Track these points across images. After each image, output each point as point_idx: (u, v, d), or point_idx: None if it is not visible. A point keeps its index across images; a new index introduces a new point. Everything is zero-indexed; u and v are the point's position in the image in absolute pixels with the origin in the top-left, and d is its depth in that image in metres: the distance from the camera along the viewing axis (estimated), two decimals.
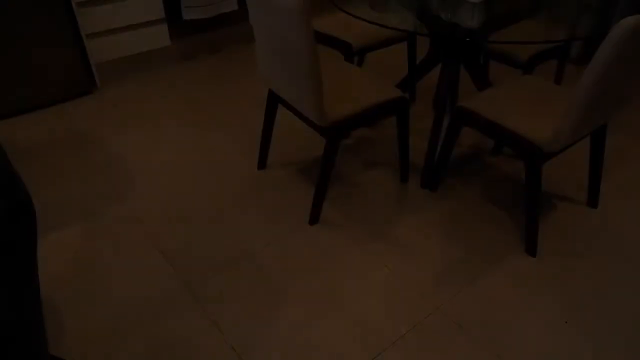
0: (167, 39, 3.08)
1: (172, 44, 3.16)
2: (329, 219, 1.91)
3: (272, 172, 2.18)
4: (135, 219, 1.91)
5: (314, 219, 1.89)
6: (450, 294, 1.60)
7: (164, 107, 2.71)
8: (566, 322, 1.51)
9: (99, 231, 1.86)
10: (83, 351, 1.42)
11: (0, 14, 2.37)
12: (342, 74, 1.95)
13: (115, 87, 2.93)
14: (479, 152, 2.32)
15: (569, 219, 1.91)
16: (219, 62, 3.25)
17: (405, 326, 1.50)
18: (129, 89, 2.91)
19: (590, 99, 1.41)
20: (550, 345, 1.44)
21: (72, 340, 1.46)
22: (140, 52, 3.05)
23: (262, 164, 2.20)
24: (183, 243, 1.81)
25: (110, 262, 1.73)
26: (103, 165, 2.23)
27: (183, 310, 1.55)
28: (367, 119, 1.77)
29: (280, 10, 1.45)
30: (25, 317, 0.78)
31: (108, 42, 2.86)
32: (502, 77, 2.99)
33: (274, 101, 2.02)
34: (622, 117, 2.58)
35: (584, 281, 1.64)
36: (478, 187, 2.08)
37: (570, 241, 1.80)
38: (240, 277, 1.66)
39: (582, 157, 2.27)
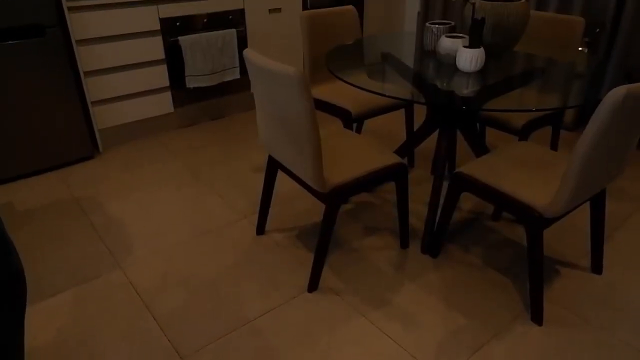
0: (170, 106, 3.16)
1: (175, 110, 3.24)
2: (328, 285, 1.87)
3: (271, 237, 2.16)
4: (129, 284, 1.87)
5: (313, 285, 1.85)
6: None
7: (164, 172, 2.73)
8: None
9: (91, 297, 1.81)
10: None
11: (8, 79, 2.45)
12: (341, 140, 1.98)
13: (117, 152, 2.97)
14: (479, 217, 2.31)
15: (574, 285, 1.87)
16: (220, 128, 3.32)
17: None
18: (130, 154, 2.95)
19: (587, 166, 1.42)
20: None
21: None
22: (144, 119, 3.12)
23: (260, 229, 2.18)
24: (178, 309, 1.75)
25: (102, 329, 1.67)
26: (100, 230, 2.22)
27: None
28: (367, 185, 1.78)
29: (280, 79, 1.50)
30: None
31: (112, 109, 2.93)
32: (499, 143, 3.04)
33: (273, 166, 2.03)
34: (620, 183, 2.60)
35: (592, 354, 1.58)
36: (480, 253, 2.06)
37: (576, 310, 1.75)
38: (236, 346, 1.60)
39: (584, 222, 2.26)
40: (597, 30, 2.98)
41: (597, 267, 1.94)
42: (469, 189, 1.77)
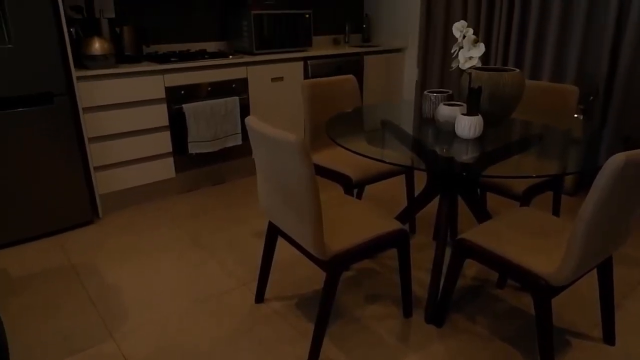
0: (172, 172, 3.19)
1: (177, 175, 3.26)
2: (329, 357, 1.79)
3: (270, 306, 2.10)
4: (121, 356, 1.79)
5: (313, 357, 1.76)
6: None
7: (164, 238, 2.70)
8: None
9: None
10: None
11: (14, 144, 2.48)
12: (341, 206, 1.97)
13: (116, 218, 2.96)
14: (484, 284, 2.25)
15: (588, 357, 1.78)
16: (221, 193, 3.32)
17: None
18: (130, 219, 2.94)
19: (591, 233, 1.40)
20: None
21: None
22: (145, 184, 3.13)
23: (259, 297, 2.12)
24: None
25: None
26: (95, 298, 2.16)
27: None
28: (368, 252, 1.75)
29: (281, 146, 1.51)
30: None
31: (115, 174, 2.95)
32: (500, 208, 3.03)
33: (273, 233, 2.01)
34: (625, 250, 2.56)
35: None
36: (486, 322, 1.98)
37: None
38: None
39: (592, 290, 2.20)
40: (591, 97, 3.05)
41: (609, 337, 1.86)
42: (473, 256, 1.73)
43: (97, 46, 2.77)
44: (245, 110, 3.39)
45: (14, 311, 2.07)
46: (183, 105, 3.05)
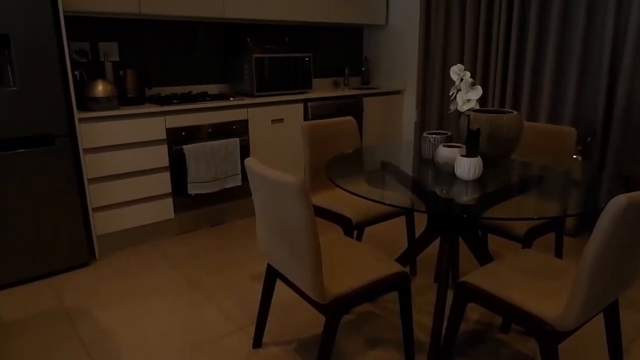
0: (171, 212, 3.17)
1: (175, 216, 3.24)
2: None
3: (268, 351, 2.03)
4: None
5: None
6: None
7: (161, 281, 2.66)
8: None
9: None
10: None
11: (12, 185, 2.48)
12: (341, 248, 1.94)
13: (113, 259, 2.92)
14: (487, 328, 2.19)
15: None
16: (220, 235, 3.29)
17: None
18: (127, 261, 2.90)
19: (596, 275, 1.37)
20: None
21: None
22: (144, 225, 3.11)
23: (257, 341, 2.07)
24: None
25: None
26: (88, 344, 2.10)
27: None
28: (368, 296, 1.71)
29: (280, 187, 1.50)
30: None
31: (113, 215, 2.94)
32: (502, 250, 3.00)
33: (272, 276, 1.98)
34: (630, 293, 2.51)
35: None
36: None
37: None
38: None
39: (599, 334, 2.14)
40: (589, 138, 3.08)
41: None
42: (476, 299, 1.70)
43: (100, 88, 2.81)
44: (245, 152, 3.41)
45: (4, 357, 2.01)
46: (183, 146, 3.06)
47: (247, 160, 1.71)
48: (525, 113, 3.34)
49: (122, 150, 2.88)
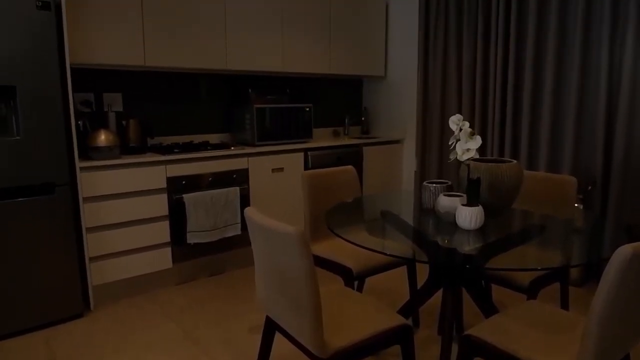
0: (169, 262, 3.13)
1: (174, 265, 3.20)
2: None
3: None
4: None
5: None
6: None
7: (156, 334, 2.58)
8: None
9: None
10: None
11: (9, 234, 2.45)
12: (342, 300, 1.90)
13: (108, 310, 2.85)
14: None
15: None
16: (218, 285, 3.23)
17: None
18: (122, 312, 2.83)
19: (605, 328, 1.33)
20: None
21: None
22: (141, 275, 3.06)
23: None
24: None
25: None
26: None
27: None
28: (370, 349, 1.65)
29: (280, 237, 1.48)
30: None
31: (110, 264, 2.89)
32: (506, 300, 2.93)
33: (271, 328, 1.92)
34: None
35: None
36: None
37: None
38: None
39: None
40: (589, 187, 3.08)
41: None
42: (481, 353, 1.64)
43: (103, 138, 2.84)
44: (245, 200, 3.40)
45: None
46: (183, 195, 3.06)
47: (246, 210, 1.70)
48: (525, 162, 3.36)
49: (122, 199, 2.87)
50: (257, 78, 4.00)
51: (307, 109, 3.80)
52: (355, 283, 2.37)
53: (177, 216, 3.11)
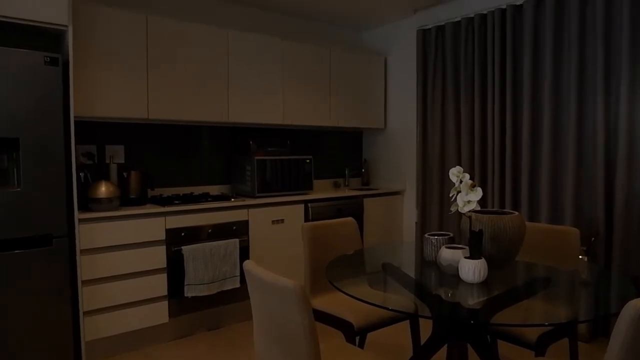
0: (165, 316, 3.05)
1: (170, 320, 3.11)
2: None
3: None
4: None
5: None
6: None
7: None
8: None
9: None
10: None
11: (2, 286, 2.40)
12: (343, 356, 1.83)
13: None
14: None
15: None
16: (216, 340, 3.14)
17: None
18: None
19: None
20: None
21: None
22: (136, 330, 2.97)
23: None
24: None
25: None
26: None
27: None
28: None
29: (279, 292, 1.45)
30: None
31: (105, 319, 2.82)
32: (514, 356, 2.83)
33: None
34: None
35: None
36: None
37: None
38: None
39: None
40: (593, 238, 3.04)
41: None
42: None
43: (103, 190, 2.84)
44: (245, 252, 3.36)
45: None
46: (182, 247, 3.03)
47: (245, 263, 1.67)
48: (526, 213, 3.34)
49: (120, 251, 2.84)
50: (258, 129, 4.06)
51: (308, 161, 3.82)
52: (357, 338, 2.30)
53: (175, 268, 3.06)
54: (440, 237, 2.14)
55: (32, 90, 2.43)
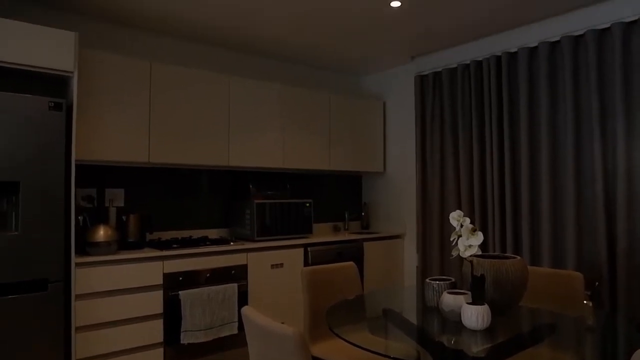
0: None
1: None
2: None
3: None
4: None
5: None
6: None
7: None
8: None
9: None
10: None
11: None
12: None
13: None
14: None
15: None
16: None
17: None
18: None
19: None
20: None
21: None
22: None
23: None
24: None
25: None
26: None
27: None
28: None
29: (277, 339, 1.41)
30: None
31: None
32: None
33: None
34: None
35: None
36: None
37: None
38: None
39: None
40: (597, 283, 3.00)
41: None
42: None
43: (101, 233, 2.82)
44: (243, 297, 3.30)
45: None
46: (180, 292, 2.97)
47: (244, 309, 1.64)
48: (528, 258, 3.31)
49: (116, 297, 2.79)
50: (258, 173, 4.07)
51: (307, 204, 3.82)
52: None
53: (171, 314, 2.99)
54: (442, 282, 2.11)
55: (35, 135, 2.46)
